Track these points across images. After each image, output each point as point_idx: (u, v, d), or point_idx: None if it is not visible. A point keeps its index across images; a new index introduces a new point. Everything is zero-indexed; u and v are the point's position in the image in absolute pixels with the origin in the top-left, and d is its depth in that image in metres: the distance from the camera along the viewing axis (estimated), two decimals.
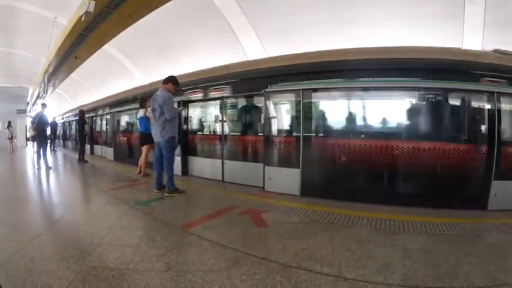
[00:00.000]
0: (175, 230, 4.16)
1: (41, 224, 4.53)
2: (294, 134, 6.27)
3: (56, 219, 4.66)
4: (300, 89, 6.17)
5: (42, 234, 4.01)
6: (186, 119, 8.86)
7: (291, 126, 6.50)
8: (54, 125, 20.07)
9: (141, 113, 8.50)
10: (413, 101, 5.75)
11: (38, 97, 21.87)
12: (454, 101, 5.55)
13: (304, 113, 6.15)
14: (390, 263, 3.08)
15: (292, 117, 6.41)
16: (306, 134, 6.13)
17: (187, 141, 8.77)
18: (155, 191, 6.39)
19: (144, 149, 8.46)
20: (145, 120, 8.13)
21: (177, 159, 8.12)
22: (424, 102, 5.69)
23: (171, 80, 6.40)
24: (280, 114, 6.79)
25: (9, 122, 19.51)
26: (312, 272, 2.89)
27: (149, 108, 7.98)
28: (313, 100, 6.22)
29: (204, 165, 8.33)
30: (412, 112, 5.74)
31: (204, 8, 10.52)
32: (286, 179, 6.26)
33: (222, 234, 3.92)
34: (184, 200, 5.87)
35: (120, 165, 10.93)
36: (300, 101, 6.15)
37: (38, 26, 14.86)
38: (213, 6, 10.29)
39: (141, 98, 8.79)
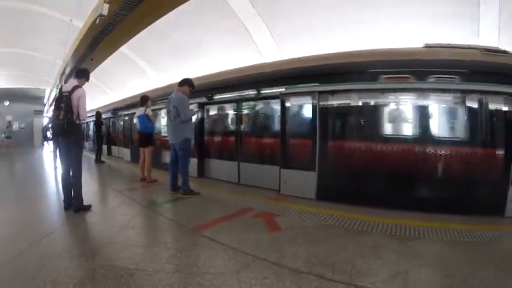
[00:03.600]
0: (188, 232, 4.23)
1: (55, 221, 4.68)
2: (310, 137, 6.23)
3: (69, 217, 4.79)
4: (315, 91, 6.16)
5: (55, 232, 4.16)
6: (203, 121, 8.98)
7: (307, 128, 6.41)
8: None
9: (140, 111, 8.30)
10: (435, 104, 5.63)
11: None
12: (473, 103, 5.39)
13: (321, 116, 6.13)
14: (403, 270, 3.05)
15: (309, 120, 6.34)
16: (323, 137, 6.11)
17: (204, 143, 8.88)
18: (170, 192, 6.50)
19: (148, 152, 8.12)
20: (145, 118, 8.11)
21: (193, 161, 8.29)
22: (444, 105, 5.57)
23: (186, 82, 6.53)
24: (297, 116, 6.73)
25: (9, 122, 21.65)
26: (323, 278, 2.88)
27: (149, 109, 8.28)
28: (329, 102, 6.18)
29: (220, 167, 8.41)
30: (432, 115, 5.60)
31: (218, 10, 10.67)
32: (302, 182, 6.25)
33: (234, 237, 3.96)
34: (198, 202, 5.94)
35: (136, 167, 11.07)
36: (316, 103, 6.13)
37: (54, 29, 15.35)
38: (228, 7, 10.42)
39: (141, 96, 8.66)
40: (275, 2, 10.03)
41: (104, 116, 15.39)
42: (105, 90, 23.24)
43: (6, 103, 24.10)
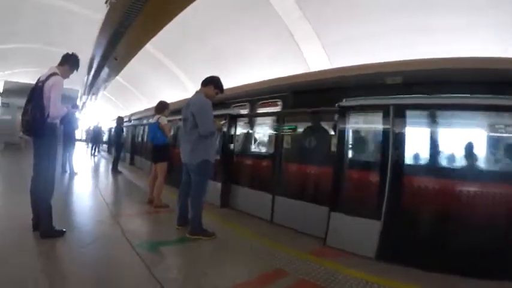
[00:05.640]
0: None
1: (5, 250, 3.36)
2: (378, 169, 4.56)
3: (29, 245, 3.56)
4: (389, 104, 4.50)
5: None
6: (232, 138, 7.50)
7: (373, 157, 4.87)
8: (97, 131, 20.38)
9: (153, 119, 7.19)
10: None
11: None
12: None
13: (395, 140, 4.42)
14: None
15: (377, 145, 4.77)
16: (396, 170, 4.38)
17: (231, 166, 7.34)
18: (176, 227, 5.05)
19: (160, 169, 6.71)
20: (156, 127, 6.87)
21: (217, 186, 6.94)
22: None
23: (212, 81, 5.05)
24: (359, 139, 5.17)
25: None
26: None
27: (163, 117, 6.95)
28: (408, 121, 4.49)
29: (249, 198, 6.76)
30: None
31: (260, 13, 9.74)
32: (358, 233, 4.54)
33: None
34: (210, 249, 4.38)
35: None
36: (389, 121, 4.47)
37: (88, 28, 15.23)
38: (272, 9, 9.25)
39: (159, 102, 7.42)
40: (326, 6, 8.87)
41: (129, 123, 14.98)
42: (139, 97, 23.07)
43: None
